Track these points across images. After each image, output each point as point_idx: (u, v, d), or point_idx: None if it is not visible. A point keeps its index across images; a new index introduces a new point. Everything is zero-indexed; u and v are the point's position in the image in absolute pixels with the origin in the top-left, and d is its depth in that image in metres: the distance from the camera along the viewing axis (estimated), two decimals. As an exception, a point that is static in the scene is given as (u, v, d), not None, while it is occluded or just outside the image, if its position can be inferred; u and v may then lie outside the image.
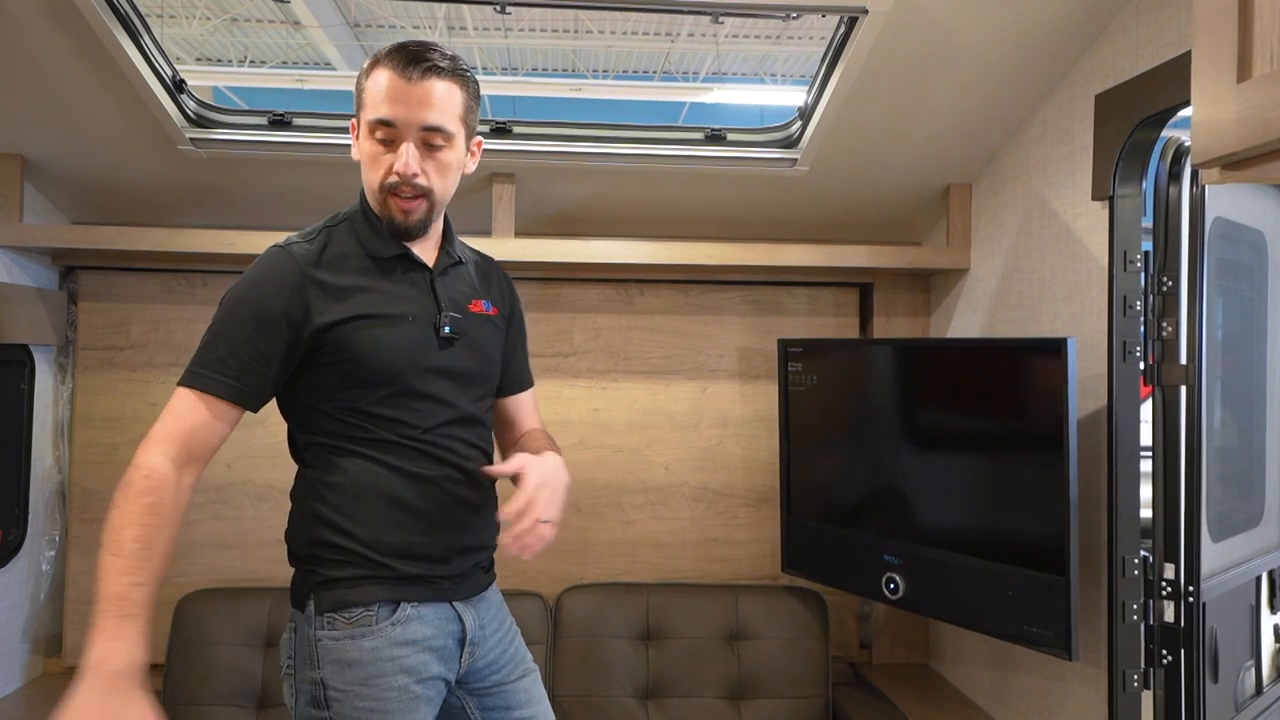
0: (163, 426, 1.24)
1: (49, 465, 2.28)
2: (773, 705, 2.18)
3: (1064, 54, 1.76)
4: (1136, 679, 1.63)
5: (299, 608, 1.34)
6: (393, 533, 1.33)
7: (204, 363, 1.26)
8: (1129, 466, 1.65)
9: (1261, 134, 0.73)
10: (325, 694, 1.28)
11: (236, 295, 1.30)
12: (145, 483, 1.20)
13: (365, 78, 1.32)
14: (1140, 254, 1.66)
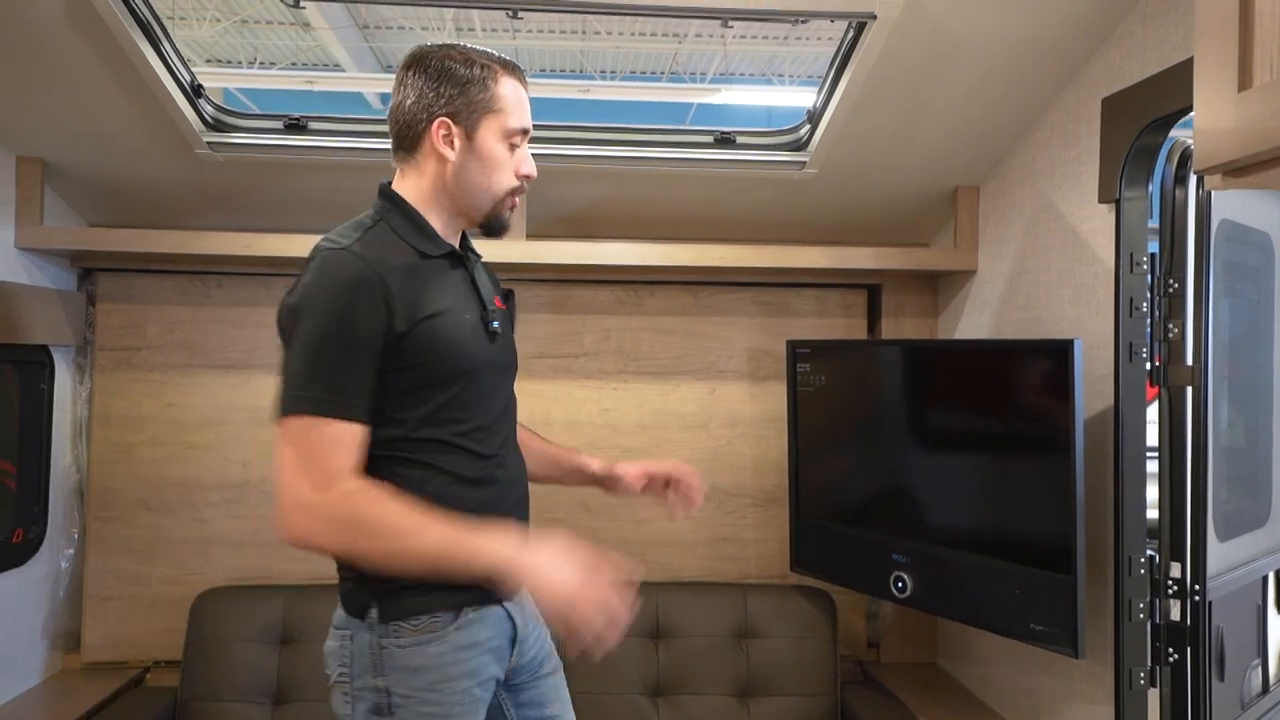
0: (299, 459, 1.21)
1: (67, 464, 2.32)
2: (781, 703, 2.20)
3: (1071, 58, 1.78)
4: (1143, 677, 1.65)
5: (357, 616, 1.32)
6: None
7: (313, 389, 1.22)
8: (1135, 466, 1.66)
9: (1261, 142, 0.75)
10: (390, 701, 1.29)
11: (334, 312, 1.23)
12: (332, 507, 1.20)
13: (493, 83, 1.34)
14: (1146, 256, 1.67)
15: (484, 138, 1.34)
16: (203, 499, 2.36)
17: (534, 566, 1.21)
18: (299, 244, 2.12)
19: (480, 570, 1.22)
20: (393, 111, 1.38)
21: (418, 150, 1.36)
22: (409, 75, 1.35)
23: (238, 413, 2.38)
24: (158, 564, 2.35)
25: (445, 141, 1.33)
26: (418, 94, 1.33)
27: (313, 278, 1.27)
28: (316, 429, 1.21)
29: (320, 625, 2.17)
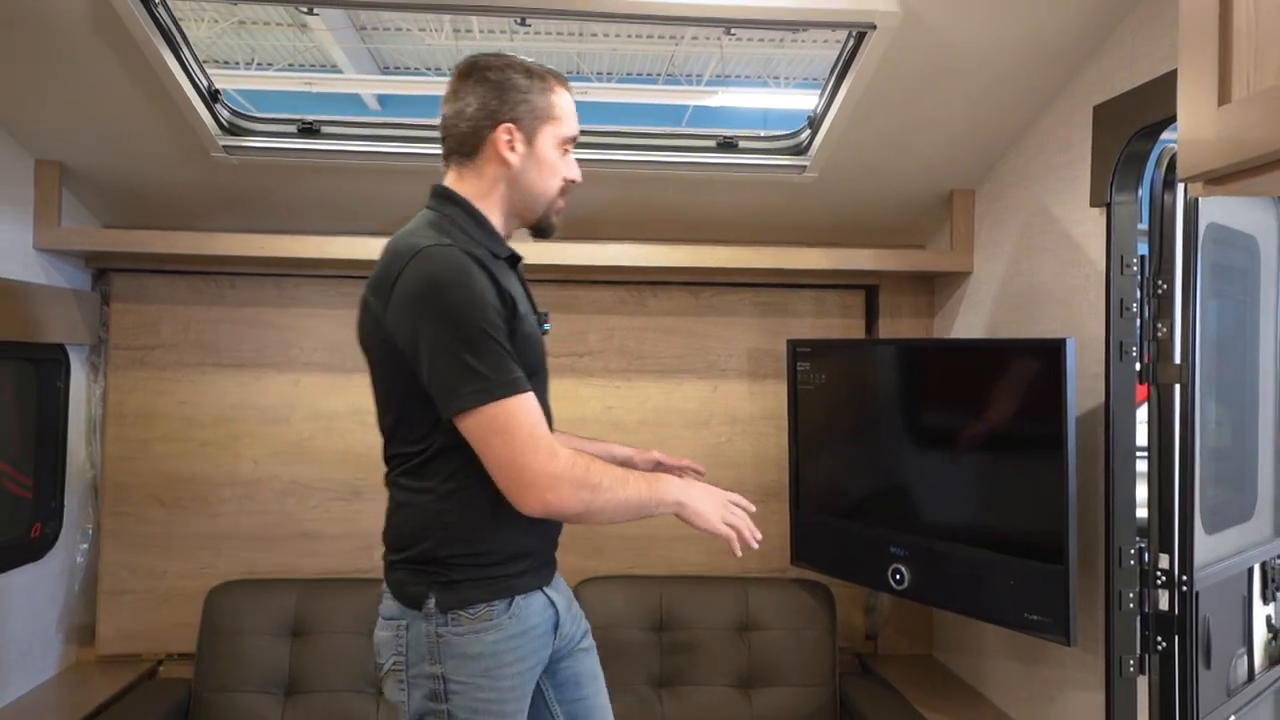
0: (527, 436, 1.26)
1: (82, 461, 2.37)
2: (782, 694, 2.26)
3: (1064, 67, 1.84)
4: (1133, 664, 1.71)
5: (413, 606, 1.35)
6: (521, 537, 1.38)
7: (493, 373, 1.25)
8: (1125, 461, 1.72)
9: (1239, 152, 0.81)
10: (446, 687, 1.33)
11: (470, 301, 1.26)
12: (570, 473, 1.27)
13: (551, 93, 1.43)
14: (1136, 258, 1.73)
15: (542, 143, 1.42)
16: (215, 495, 2.41)
17: (696, 497, 1.38)
18: (311, 245, 2.19)
19: (666, 504, 1.36)
20: (451, 118, 1.42)
21: (479, 155, 1.41)
22: (469, 84, 1.40)
23: (249, 410, 2.43)
24: (171, 558, 2.39)
25: (508, 146, 1.40)
26: (480, 101, 1.39)
27: (423, 273, 1.27)
28: (517, 410, 1.26)
29: (332, 618, 2.25)
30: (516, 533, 1.37)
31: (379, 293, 1.33)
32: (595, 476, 1.29)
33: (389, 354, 1.33)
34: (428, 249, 1.30)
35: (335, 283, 2.45)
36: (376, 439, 2.45)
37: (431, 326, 1.26)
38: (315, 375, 2.45)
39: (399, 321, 1.29)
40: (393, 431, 1.40)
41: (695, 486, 1.40)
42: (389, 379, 1.37)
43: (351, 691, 2.18)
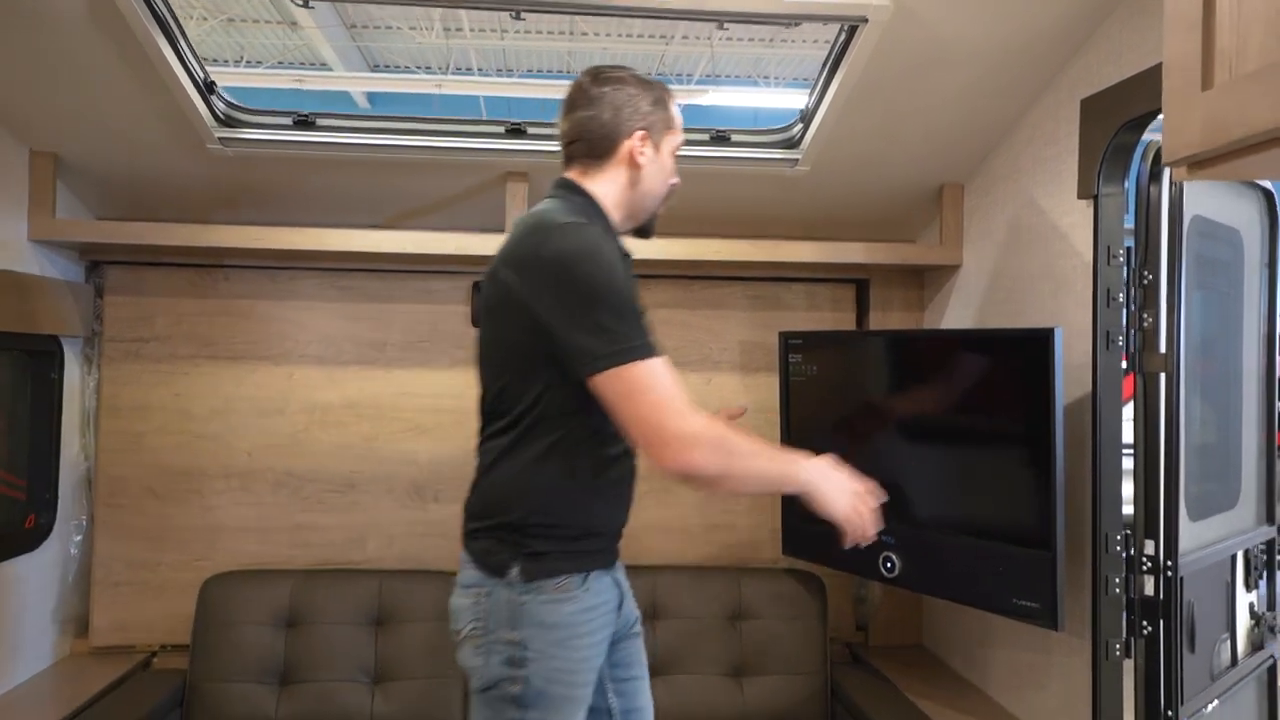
0: (664, 396, 1.30)
1: (75, 453, 2.37)
2: (774, 682, 2.28)
3: (1052, 61, 1.87)
4: (1119, 648, 1.74)
5: (496, 574, 1.41)
6: (599, 515, 1.47)
7: (631, 336, 1.31)
8: (1111, 448, 1.75)
9: (1222, 136, 0.83)
10: (524, 654, 1.38)
11: (603, 268, 1.33)
12: (708, 435, 1.29)
13: (669, 104, 1.56)
14: (1123, 249, 1.76)
15: (665, 150, 1.55)
16: (209, 487, 2.42)
17: (829, 487, 1.40)
18: (307, 238, 2.20)
19: (796, 483, 1.40)
20: (585, 122, 1.50)
21: (610, 157, 1.51)
22: (601, 93, 1.50)
23: (243, 403, 2.43)
24: (165, 550, 2.40)
25: (640, 151, 1.50)
26: (616, 109, 1.49)
27: (567, 245, 1.34)
28: (657, 370, 1.31)
29: (327, 609, 2.26)
30: (596, 508, 1.46)
31: (514, 263, 1.39)
32: (732, 443, 1.32)
33: (516, 321, 1.37)
34: (568, 224, 1.38)
35: (331, 275, 2.46)
36: (369, 431, 2.48)
37: (575, 292, 1.32)
38: (310, 368, 2.45)
39: (540, 289, 1.34)
40: (499, 397, 1.44)
41: (833, 474, 1.42)
42: (509, 345, 1.41)
43: (347, 681, 2.20)
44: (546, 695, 1.40)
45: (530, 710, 1.39)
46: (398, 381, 2.48)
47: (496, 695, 1.40)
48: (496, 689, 1.40)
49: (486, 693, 1.41)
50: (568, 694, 1.42)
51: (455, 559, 2.46)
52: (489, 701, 1.41)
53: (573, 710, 1.44)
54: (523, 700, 1.39)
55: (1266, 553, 2.15)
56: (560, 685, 1.40)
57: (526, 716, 1.39)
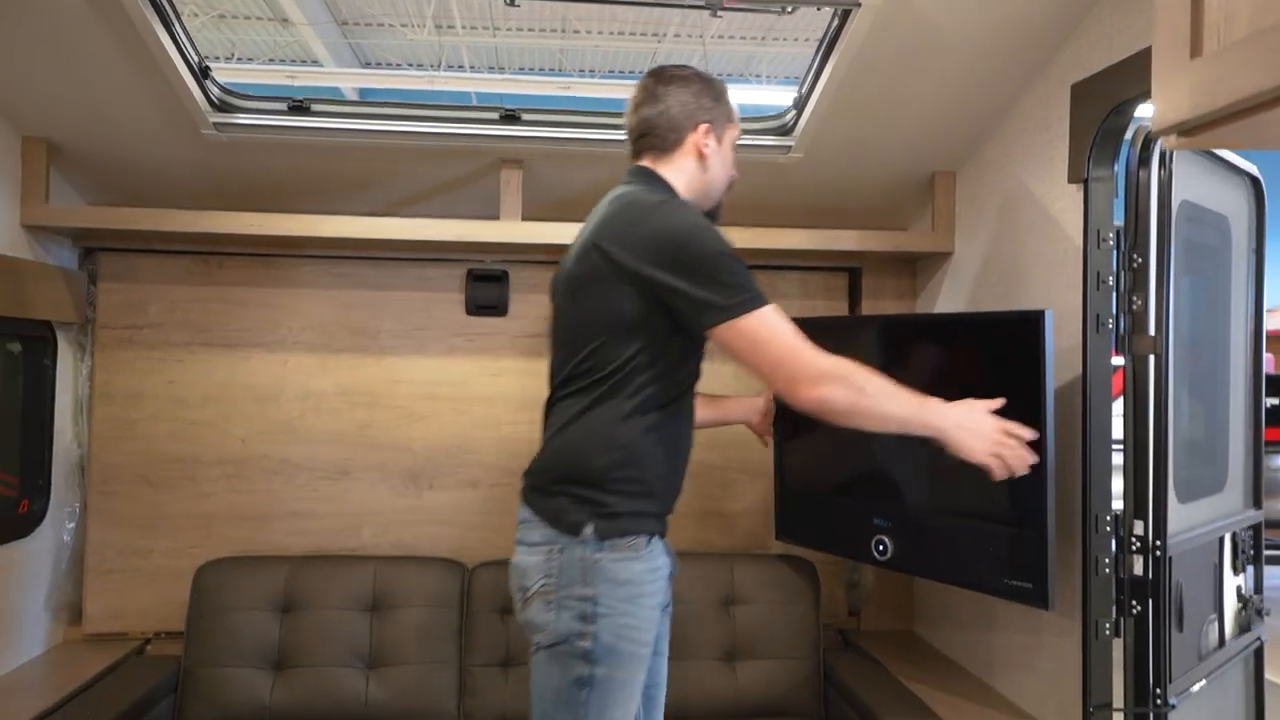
0: (791, 339, 1.43)
1: (69, 440, 2.36)
2: (767, 666, 2.29)
3: (1043, 47, 1.88)
4: (1108, 627, 1.75)
5: (569, 532, 1.47)
6: (671, 476, 1.57)
7: (750, 289, 1.44)
8: (1101, 429, 1.77)
9: (1210, 103, 0.85)
10: (595, 609, 1.45)
11: (707, 230, 1.46)
12: (838, 370, 1.43)
13: (728, 100, 1.67)
14: (1112, 233, 1.78)
15: (726, 142, 1.67)
16: (203, 474, 2.42)
17: (962, 433, 1.51)
18: (302, 224, 2.20)
19: (928, 428, 1.50)
20: (653, 117, 1.61)
21: (677, 149, 1.62)
22: (667, 90, 1.61)
23: (238, 390, 2.43)
24: (159, 538, 2.40)
25: (705, 144, 1.62)
26: (681, 104, 1.61)
27: (675, 216, 1.48)
28: (768, 313, 1.44)
29: (322, 594, 2.26)
30: (665, 468, 1.55)
31: (612, 235, 1.49)
32: (861, 380, 1.43)
33: (615, 290, 1.47)
34: (665, 200, 1.53)
35: (325, 263, 2.46)
36: (363, 418, 2.49)
37: (690, 255, 1.43)
38: (304, 355, 2.46)
39: (652, 257, 1.44)
40: (586, 360, 1.51)
41: (969, 419, 1.51)
42: (604, 313, 1.49)
43: (342, 666, 2.20)
44: (615, 651, 1.45)
45: (599, 665, 1.44)
46: (392, 369, 2.48)
47: (565, 651, 1.45)
48: (566, 644, 1.45)
49: (554, 648, 1.46)
50: (634, 651, 1.48)
51: (450, 546, 2.48)
52: (556, 657, 1.46)
53: (637, 667, 1.49)
54: (592, 655, 1.44)
55: (1254, 536, 2.17)
56: (627, 642, 1.46)
57: (595, 671, 1.44)
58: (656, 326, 1.48)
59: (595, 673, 1.45)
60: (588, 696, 1.45)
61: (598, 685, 1.45)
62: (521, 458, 2.49)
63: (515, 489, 2.52)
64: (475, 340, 2.50)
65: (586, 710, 1.45)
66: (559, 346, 1.59)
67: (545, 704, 1.48)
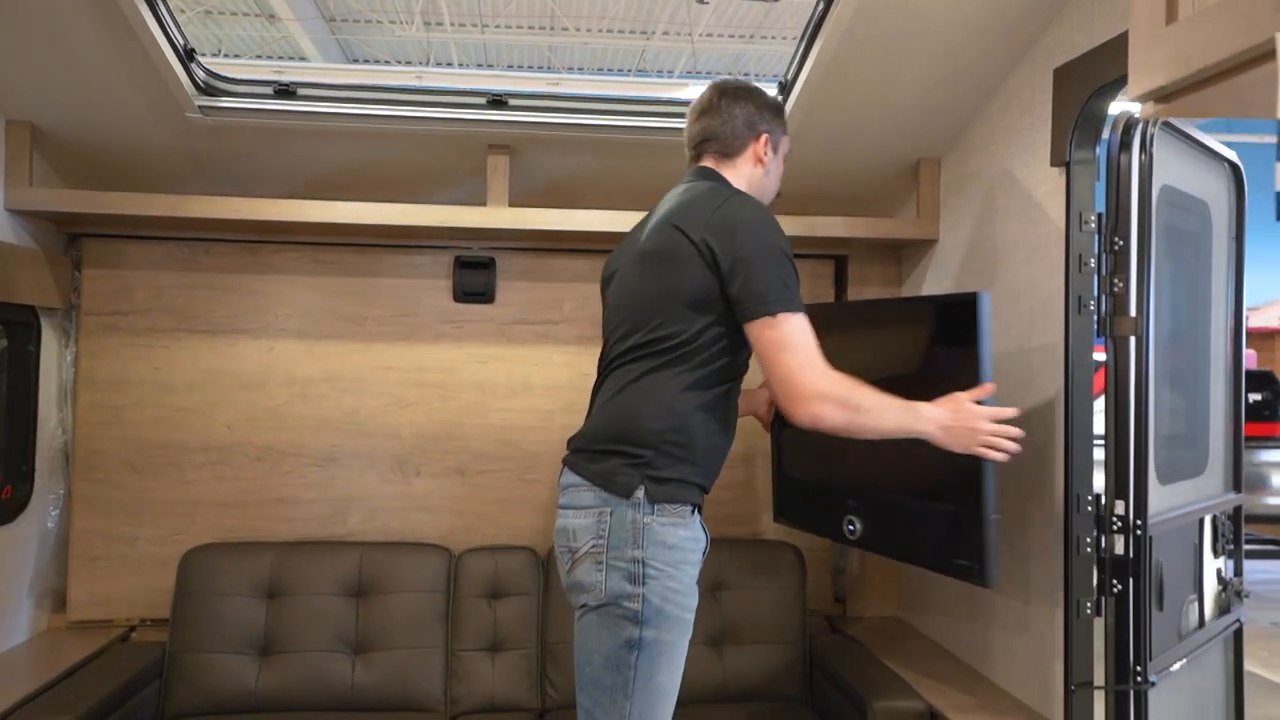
0: (808, 354, 1.49)
1: (53, 427, 2.35)
2: (753, 651, 2.30)
3: (1025, 31, 1.90)
4: (1090, 606, 1.77)
5: (622, 495, 1.51)
6: (716, 454, 1.61)
7: (789, 292, 1.51)
8: (1083, 411, 1.79)
9: (1185, 68, 0.86)
10: (644, 570, 1.49)
11: (776, 231, 1.55)
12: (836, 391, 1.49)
13: (783, 116, 1.78)
14: (1094, 215, 1.80)
15: (780, 153, 1.78)
16: (188, 461, 2.41)
17: (943, 425, 1.60)
18: (286, 209, 2.20)
19: (915, 433, 1.59)
20: (716, 127, 1.71)
21: (739, 156, 1.72)
22: (731, 102, 1.71)
23: (223, 376, 2.43)
24: (143, 524, 2.39)
25: (763, 153, 1.72)
26: (746, 115, 1.71)
27: (751, 209, 1.57)
28: (806, 325, 1.51)
29: (308, 580, 2.27)
30: (714, 444, 1.59)
31: (689, 217, 1.56)
32: (858, 399, 1.50)
33: (690, 267, 1.53)
34: (743, 193, 1.63)
35: (311, 250, 2.46)
36: (350, 405, 2.49)
37: (757, 245, 1.51)
38: (290, 341, 2.45)
39: (724, 237, 1.52)
40: (658, 327, 1.56)
41: (951, 418, 1.60)
42: (676, 287, 1.55)
43: (328, 652, 2.20)
44: (663, 613, 1.49)
45: (647, 627, 1.48)
46: (379, 355, 2.48)
47: (614, 611, 1.49)
48: (615, 605, 1.49)
49: (603, 609, 1.49)
50: (680, 615, 1.51)
51: (437, 532, 2.49)
52: (605, 619, 1.49)
53: (682, 631, 1.52)
54: (640, 617, 1.48)
55: (1234, 519, 2.20)
56: (674, 605, 1.50)
57: (644, 634, 1.48)
58: (723, 309, 1.54)
59: (644, 635, 1.48)
60: (636, 659, 1.48)
61: (646, 648, 1.48)
62: (508, 445, 2.51)
63: (503, 475, 2.54)
64: (463, 327, 2.51)
65: (635, 673, 1.48)
66: (622, 319, 1.63)
67: (594, 667, 1.51)
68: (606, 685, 1.49)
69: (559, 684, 2.25)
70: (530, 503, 2.51)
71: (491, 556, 2.35)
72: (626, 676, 1.48)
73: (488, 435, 2.51)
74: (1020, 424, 1.94)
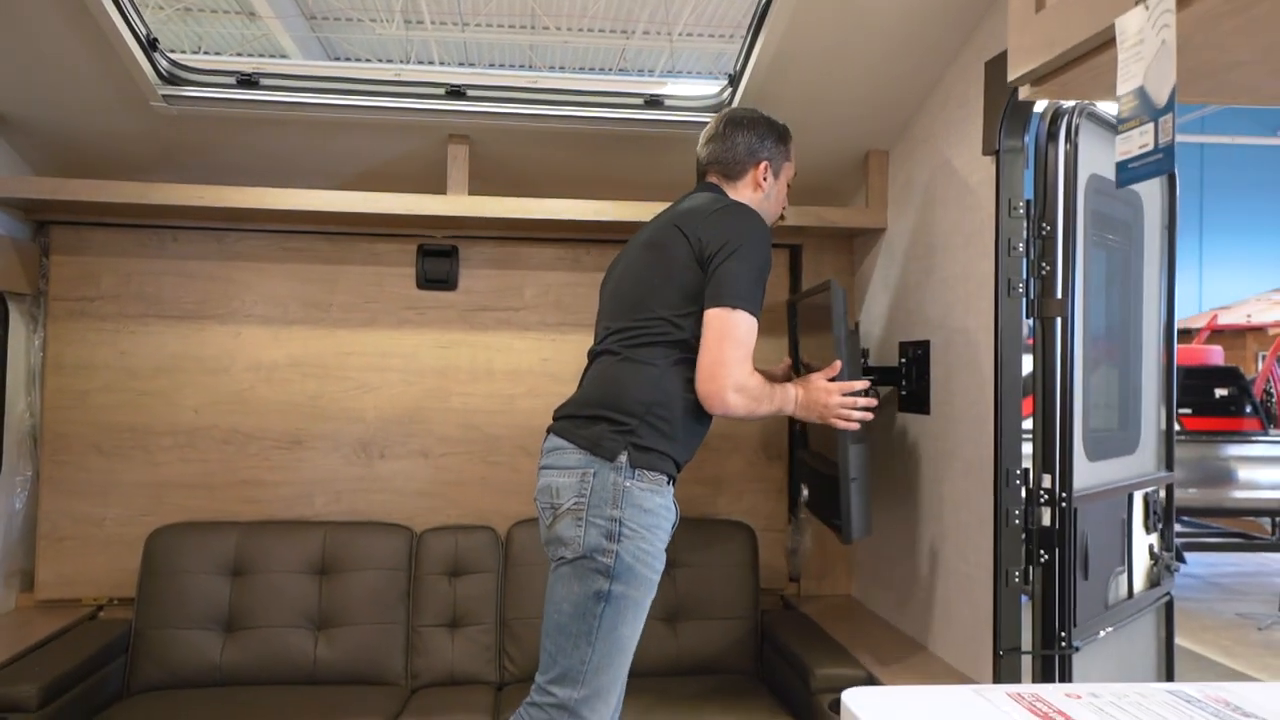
0: (744, 351, 1.64)
1: (21, 409, 2.40)
2: (707, 626, 2.38)
3: (962, 25, 1.98)
4: (1018, 575, 1.85)
5: (607, 458, 1.63)
6: (692, 434, 1.73)
7: (752, 296, 1.66)
8: (1012, 388, 1.87)
9: (1049, 51, 0.94)
10: (621, 529, 1.61)
11: (764, 245, 1.69)
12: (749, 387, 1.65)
13: (789, 143, 1.92)
14: (1023, 202, 1.88)
15: (782, 179, 1.92)
16: (155, 444, 2.46)
17: (799, 403, 1.78)
18: (249, 196, 2.25)
19: (787, 412, 1.77)
20: (720, 153, 1.86)
21: (740, 179, 1.87)
22: (737, 130, 1.86)
23: (189, 361, 2.48)
24: (111, 506, 2.44)
25: (763, 179, 1.87)
26: (748, 144, 1.86)
27: (748, 216, 1.71)
28: (750, 325, 1.65)
29: (272, 558, 2.32)
30: (693, 420, 1.71)
31: (691, 219, 1.71)
32: (759, 392, 1.67)
33: (686, 259, 1.68)
34: (739, 205, 1.76)
35: (277, 237, 2.51)
36: (314, 389, 2.55)
37: (739, 246, 1.65)
38: (256, 327, 2.51)
39: (718, 235, 1.67)
40: (650, 311, 1.70)
41: (805, 396, 1.78)
42: (673, 275, 1.70)
43: (291, 627, 2.26)
44: (633, 571, 1.61)
45: (616, 582, 1.60)
46: (343, 341, 2.54)
47: (588, 565, 1.60)
48: (589, 559, 1.60)
49: (578, 562, 1.61)
50: (647, 575, 1.63)
51: (402, 514, 2.55)
52: (579, 571, 1.61)
53: (647, 591, 1.64)
54: (612, 572, 1.60)
55: (1166, 496, 2.29)
56: (643, 565, 1.62)
57: (613, 588, 1.60)
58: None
59: (613, 589, 1.60)
60: (602, 610, 1.60)
61: (613, 600, 1.60)
62: (470, 428, 2.58)
63: (465, 457, 2.61)
64: (425, 314, 2.57)
65: (599, 623, 1.60)
66: (620, 302, 1.76)
67: (562, 615, 1.62)
68: (572, 632, 1.61)
69: (517, 658, 2.31)
70: (491, 484, 2.58)
71: (453, 536, 2.41)
72: (591, 625, 1.60)
73: (450, 419, 2.57)
74: (959, 403, 2.03)
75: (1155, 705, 0.95)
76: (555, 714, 1.61)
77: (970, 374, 2.00)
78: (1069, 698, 0.97)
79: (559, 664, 1.61)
